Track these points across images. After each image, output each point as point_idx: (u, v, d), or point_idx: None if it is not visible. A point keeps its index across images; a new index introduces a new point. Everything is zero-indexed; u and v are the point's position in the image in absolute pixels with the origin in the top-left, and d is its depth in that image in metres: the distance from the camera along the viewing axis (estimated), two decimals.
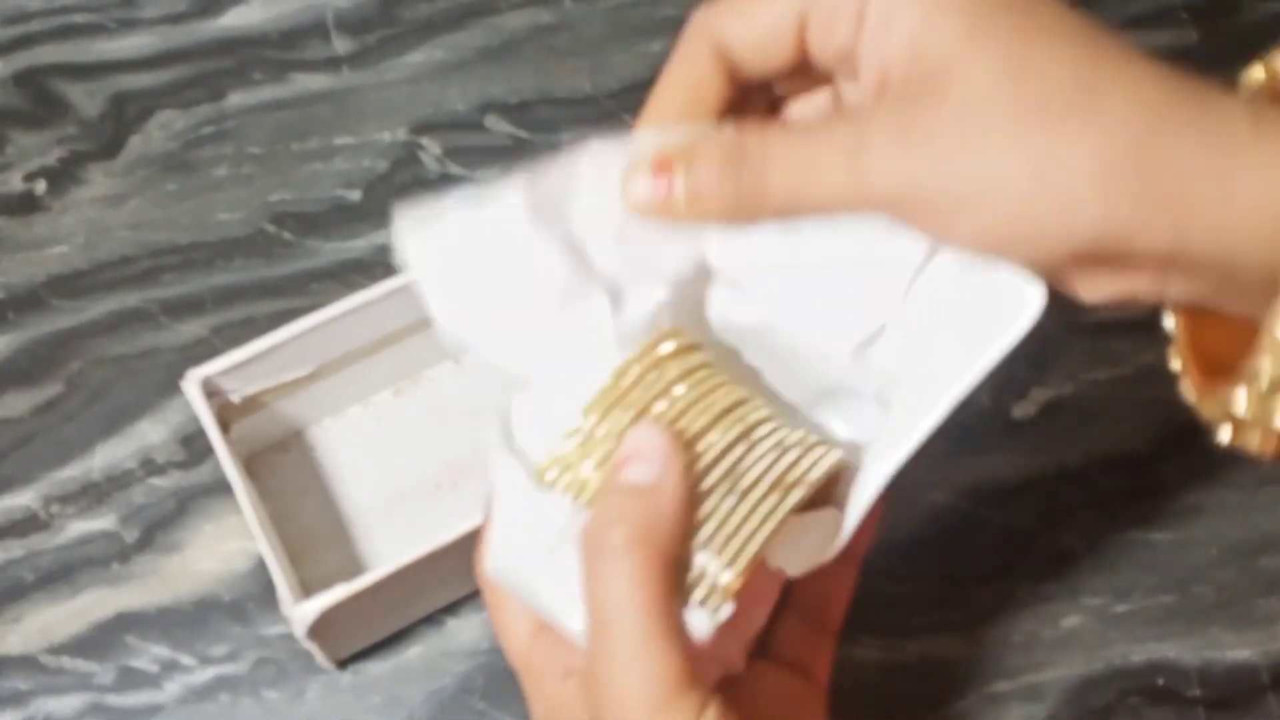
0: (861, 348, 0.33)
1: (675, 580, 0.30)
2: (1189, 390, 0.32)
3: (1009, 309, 0.30)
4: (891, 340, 0.33)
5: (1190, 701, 0.50)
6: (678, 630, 0.30)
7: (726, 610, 0.31)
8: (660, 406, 0.32)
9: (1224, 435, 0.30)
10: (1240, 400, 0.28)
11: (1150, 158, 0.27)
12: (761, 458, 0.31)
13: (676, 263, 0.33)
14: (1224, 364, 0.31)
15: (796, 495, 0.31)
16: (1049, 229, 0.28)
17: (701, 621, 0.31)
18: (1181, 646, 0.51)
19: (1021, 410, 0.55)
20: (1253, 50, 0.35)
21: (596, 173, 0.32)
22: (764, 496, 0.31)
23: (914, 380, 0.32)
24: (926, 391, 0.31)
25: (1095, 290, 0.29)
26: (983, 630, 0.51)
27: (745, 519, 0.31)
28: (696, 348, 0.34)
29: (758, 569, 0.32)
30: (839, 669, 0.38)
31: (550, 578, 0.32)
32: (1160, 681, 0.50)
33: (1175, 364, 0.33)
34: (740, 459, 0.31)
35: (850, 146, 0.29)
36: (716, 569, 0.31)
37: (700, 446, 0.31)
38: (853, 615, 0.40)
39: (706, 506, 0.31)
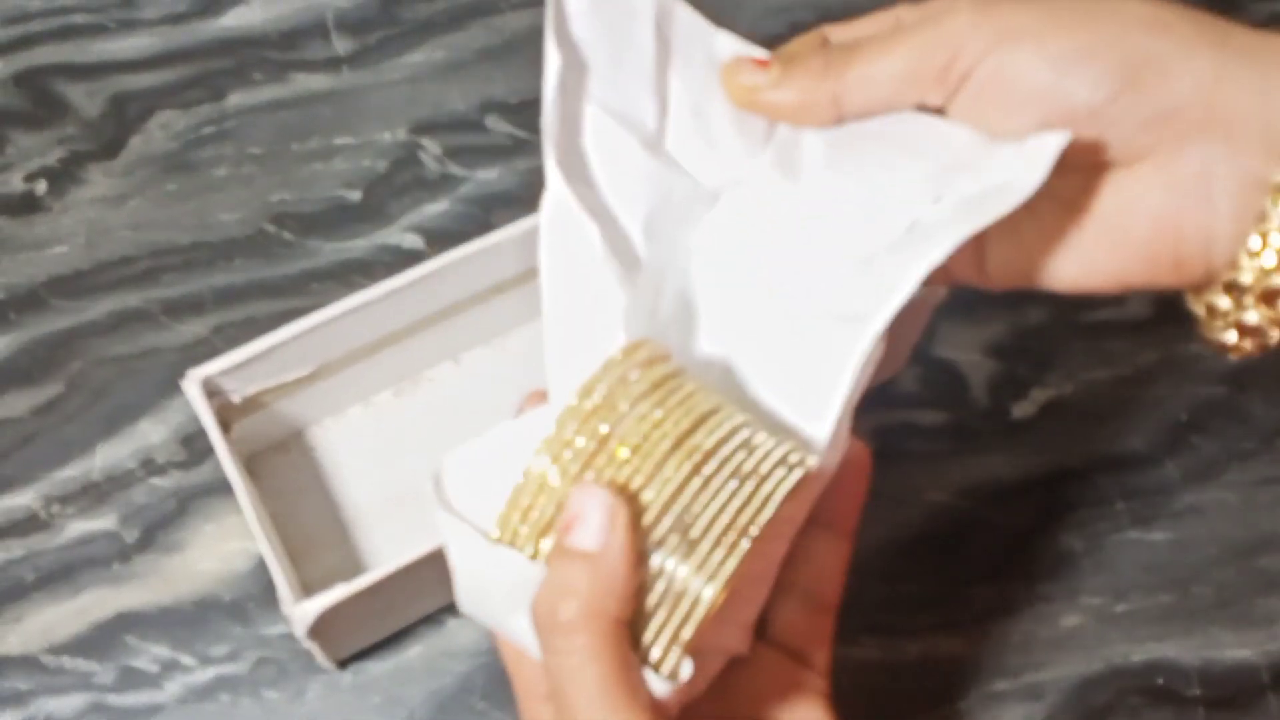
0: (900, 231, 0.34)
1: (629, 643, 0.30)
2: (1192, 302, 0.35)
3: (1034, 147, 0.32)
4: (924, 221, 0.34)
5: (1190, 701, 0.50)
6: (636, 692, 0.30)
7: (686, 669, 0.30)
8: (616, 437, 0.31)
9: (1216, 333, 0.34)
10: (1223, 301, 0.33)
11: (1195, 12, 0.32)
12: (714, 498, 0.30)
13: (725, 164, 0.36)
14: None
15: (745, 545, 0.30)
16: (1109, 46, 0.32)
17: (661, 685, 0.30)
18: (1181, 646, 0.51)
19: (1021, 410, 0.55)
20: None
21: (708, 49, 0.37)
22: (713, 548, 0.30)
23: (958, 204, 0.34)
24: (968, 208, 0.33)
25: (1141, 217, 0.33)
26: (982, 630, 0.51)
27: (697, 571, 0.30)
28: (661, 359, 0.33)
29: (744, 565, 0.31)
30: (839, 669, 0.38)
31: (517, 622, 0.32)
32: (1160, 681, 0.50)
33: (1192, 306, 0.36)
34: (690, 503, 0.30)
35: (936, 10, 0.34)
36: (675, 625, 0.30)
37: (649, 494, 0.30)
38: (852, 615, 0.40)
39: (656, 560, 0.30)
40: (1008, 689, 0.50)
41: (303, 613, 0.42)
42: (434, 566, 0.44)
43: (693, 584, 0.30)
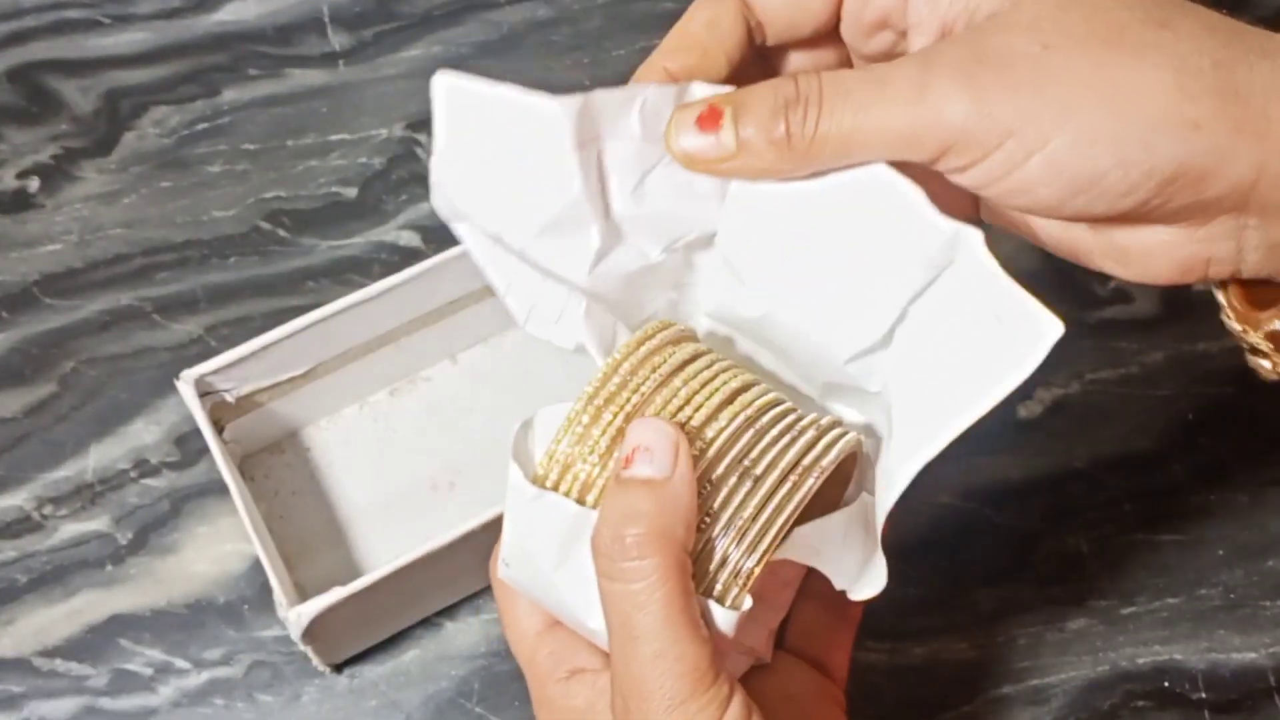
0: (865, 353, 0.32)
1: (690, 574, 0.30)
2: (1231, 317, 0.32)
3: (1025, 338, 0.29)
4: (899, 348, 0.32)
5: (1196, 704, 0.50)
6: (699, 624, 0.30)
7: (747, 602, 0.31)
8: (661, 397, 0.31)
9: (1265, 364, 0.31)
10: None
11: (1229, 81, 0.27)
12: (773, 444, 0.31)
13: (685, 228, 0.33)
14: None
15: (810, 480, 0.31)
16: (1131, 154, 0.27)
17: (724, 616, 0.30)
18: (1188, 649, 0.50)
19: (1027, 410, 0.54)
20: None
21: (643, 116, 0.32)
22: (778, 483, 0.31)
23: (920, 398, 0.31)
24: (933, 414, 0.30)
25: (1163, 259, 0.30)
26: (988, 633, 0.50)
27: (761, 506, 0.30)
28: (691, 336, 0.33)
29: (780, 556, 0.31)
30: None
31: (565, 580, 0.32)
32: (1166, 684, 0.50)
33: (1218, 293, 0.33)
34: (750, 446, 0.31)
35: (915, 74, 0.28)
36: (737, 556, 0.30)
37: (708, 434, 0.31)
38: None
39: (719, 496, 0.31)
40: (1013, 692, 0.50)
41: (298, 615, 0.42)
42: (431, 569, 0.44)
43: (761, 514, 0.30)
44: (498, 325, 0.54)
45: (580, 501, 0.31)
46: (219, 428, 0.48)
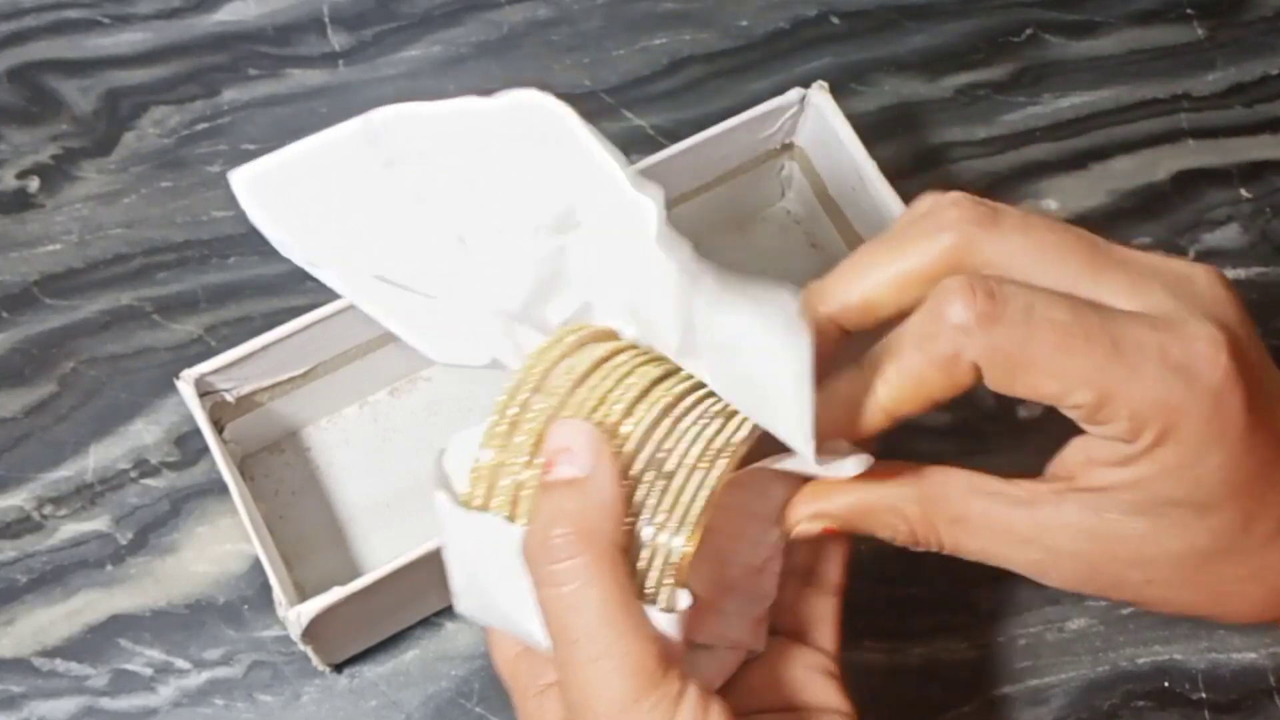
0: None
1: (625, 569, 0.30)
2: None
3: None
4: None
5: (1196, 704, 0.50)
6: (640, 621, 0.29)
7: (683, 600, 0.30)
8: (577, 397, 0.31)
9: None
10: None
11: None
12: (685, 433, 0.31)
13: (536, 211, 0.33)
14: None
15: (723, 463, 0.30)
16: None
17: (665, 620, 0.30)
18: (1188, 649, 0.50)
19: (1028, 410, 0.54)
20: (1259, 45, 0.34)
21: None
22: (692, 469, 0.30)
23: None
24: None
25: None
26: (987, 633, 0.50)
27: (680, 491, 0.30)
28: (609, 335, 0.33)
29: (739, 545, 0.31)
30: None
31: (511, 600, 0.31)
32: (1166, 684, 0.50)
33: None
34: (665, 437, 0.31)
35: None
36: (665, 539, 0.30)
37: (624, 430, 0.31)
38: (856, 619, 0.39)
39: (640, 490, 0.30)
40: (1013, 693, 0.49)
41: (298, 615, 0.42)
42: (431, 569, 0.44)
43: (682, 497, 0.30)
44: None
45: (511, 516, 0.31)
46: (219, 428, 0.48)
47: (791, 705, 0.35)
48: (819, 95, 0.50)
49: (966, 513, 0.32)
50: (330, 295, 0.48)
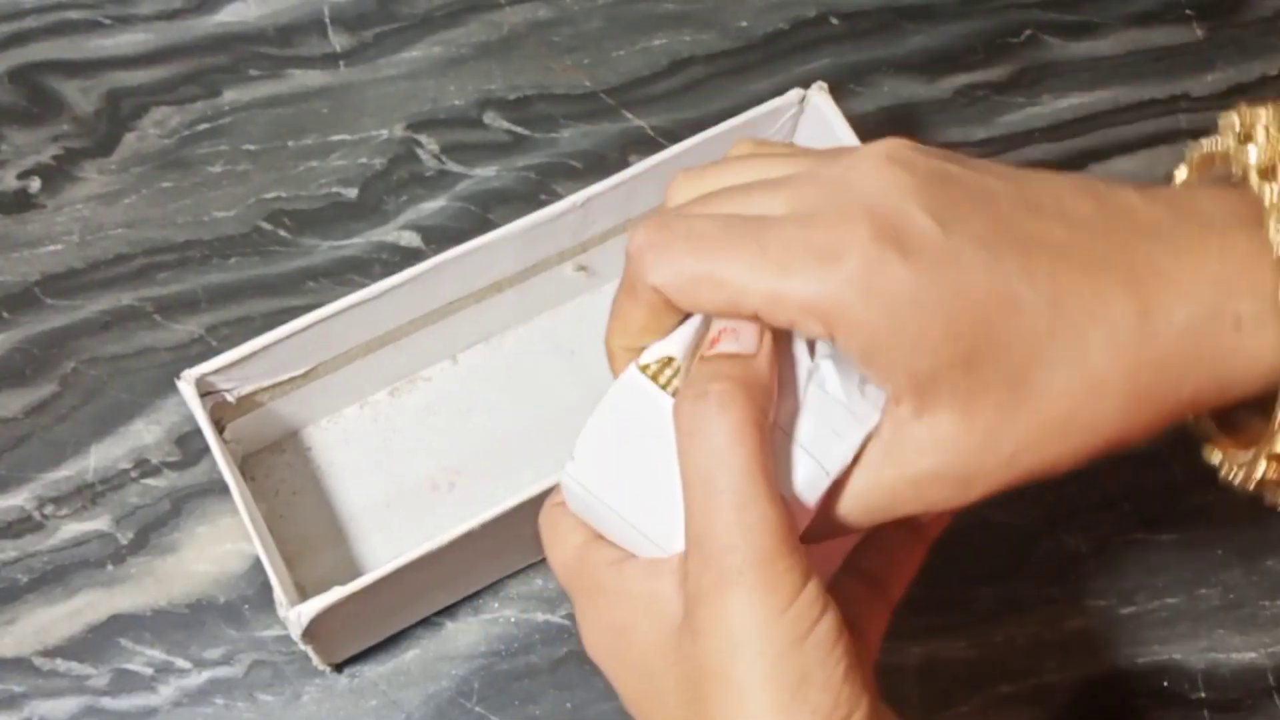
0: None
1: (769, 443, 0.30)
2: (1211, 453, 0.35)
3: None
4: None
5: (1196, 704, 0.50)
6: (775, 490, 0.29)
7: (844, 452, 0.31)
8: None
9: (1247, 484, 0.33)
10: (1260, 468, 0.32)
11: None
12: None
13: None
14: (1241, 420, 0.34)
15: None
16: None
17: (815, 472, 0.31)
18: (1187, 649, 0.50)
19: None
20: (1258, 46, 0.35)
21: None
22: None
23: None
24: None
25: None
26: (987, 633, 0.50)
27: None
28: None
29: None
30: None
31: (637, 468, 0.31)
32: (1166, 684, 0.50)
33: (1197, 431, 0.36)
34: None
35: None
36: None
37: None
38: None
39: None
40: (1012, 692, 0.49)
41: (298, 615, 0.42)
42: (431, 569, 0.44)
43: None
44: (498, 325, 0.54)
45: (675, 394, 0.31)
46: (219, 427, 0.48)
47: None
48: (819, 96, 0.51)
49: None
50: (330, 295, 0.48)
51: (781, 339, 0.32)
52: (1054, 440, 0.30)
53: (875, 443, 0.31)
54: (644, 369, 0.32)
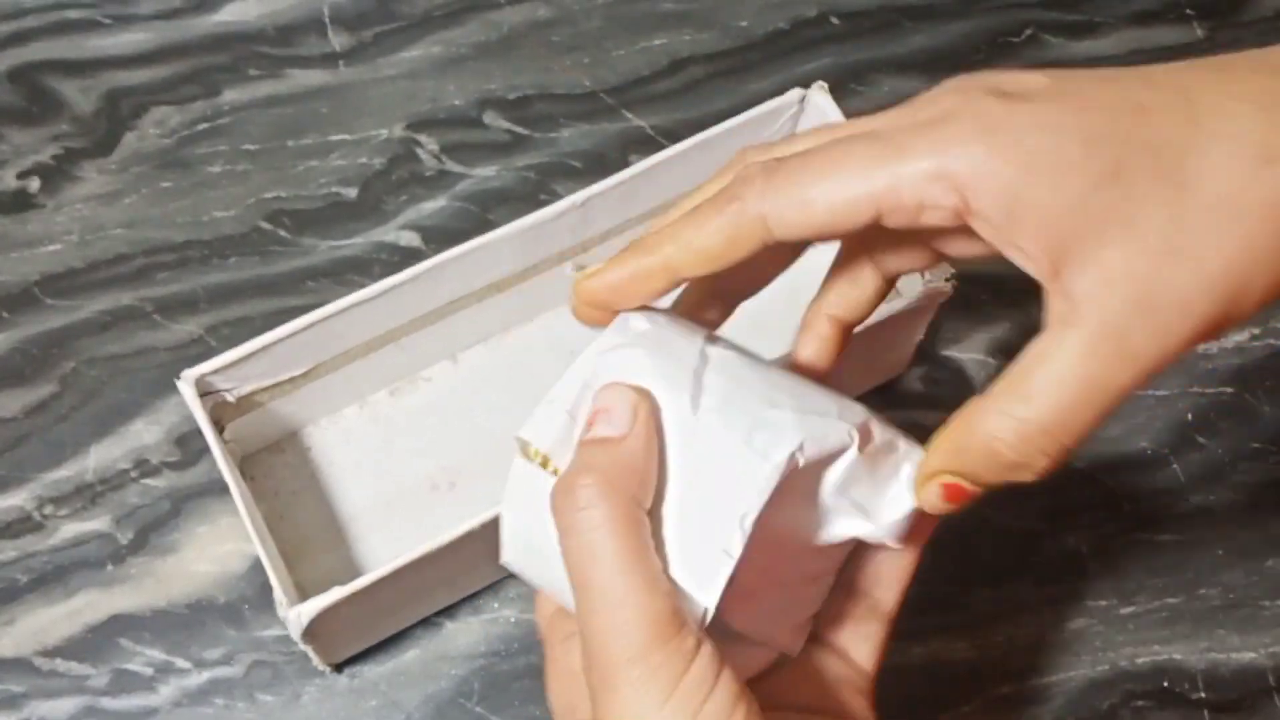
0: None
1: (646, 528, 0.30)
2: None
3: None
4: None
5: (1196, 704, 0.49)
6: (657, 577, 0.29)
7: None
8: None
9: None
10: None
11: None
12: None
13: None
14: None
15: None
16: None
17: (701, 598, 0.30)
18: (1188, 649, 0.50)
19: None
20: (1258, 46, 0.35)
21: None
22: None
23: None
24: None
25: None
26: (988, 633, 0.50)
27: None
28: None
29: (796, 552, 0.32)
30: None
31: (545, 554, 0.32)
32: (1166, 684, 0.50)
33: None
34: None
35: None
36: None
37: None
38: None
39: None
40: (1013, 692, 0.49)
41: (298, 615, 0.42)
42: (431, 569, 0.44)
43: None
44: (498, 325, 0.53)
45: (555, 472, 0.32)
46: (219, 427, 0.48)
47: (812, 708, 0.35)
48: (819, 95, 0.50)
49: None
50: (330, 295, 0.48)
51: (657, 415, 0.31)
52: (1237, 228, 0.27)
53: (1061, 336, 0.28)
54: (527, 453, 0.32)
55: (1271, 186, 0.27)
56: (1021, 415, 0.29)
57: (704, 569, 0.30)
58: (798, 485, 0.32)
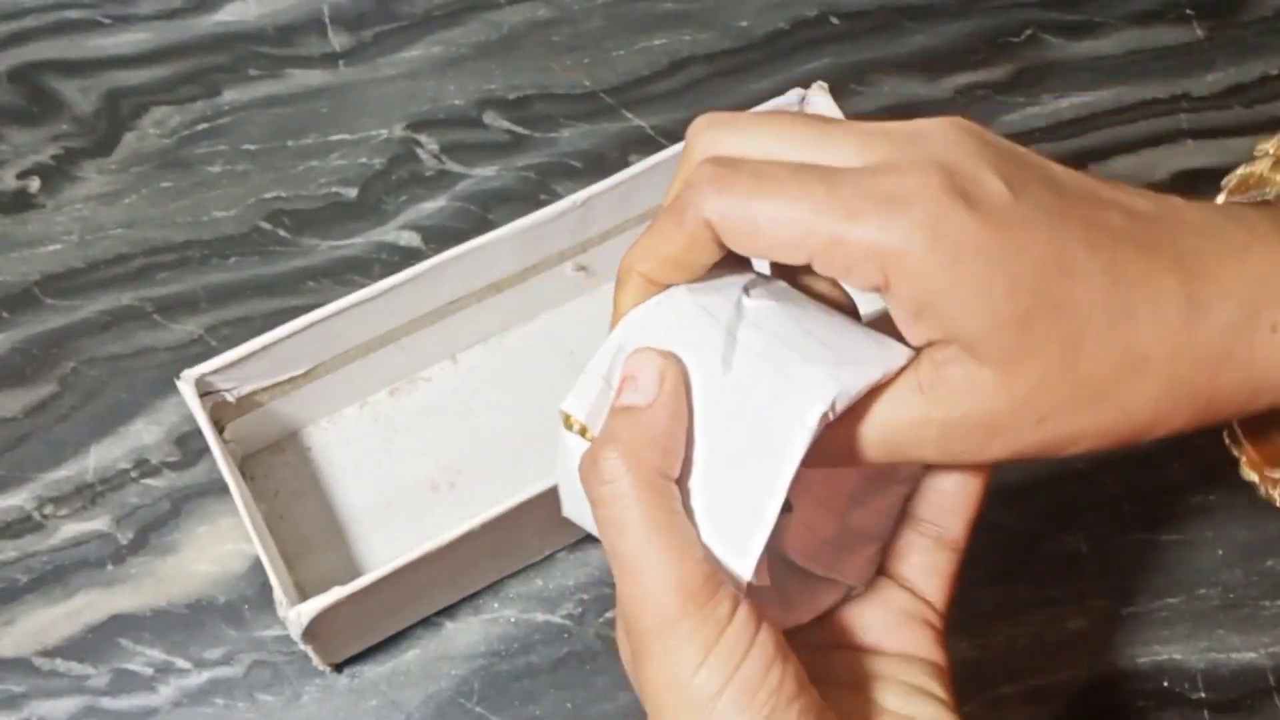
0: None
1: (672, 494, 0.30)
2: (1247, 472, 0.36)
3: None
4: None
5: (1196, 704, 0.49)
6: (686, 544, 0.30)
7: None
8: None
9: None
10: None
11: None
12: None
13: None
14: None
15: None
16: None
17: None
18: (1187, 649, 0.50)
19: None
20: (1259, 46, 0.35)
21: None
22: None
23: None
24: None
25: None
26: (988, 633, 0.50)
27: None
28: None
29: (864, 475, 0.32)
30: None
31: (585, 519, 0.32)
32: (1166, 684, 0.50)
33: (1234, 450, 0.37)
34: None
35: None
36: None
37: None
38: None
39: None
40: (1013, 692, 0.49)
41: (298, 615, 0.42)
42: (431, 569, 0.44)
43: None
44: (498, 325, 0.53)
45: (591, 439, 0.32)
46: (219, 427, 0.48)
47: (879, 648, 0.35)
48: (819, 95, 0.50)
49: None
50: (330, 295, 0.48)
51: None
52: (1086, 409, 0.30)
53: (908, 377, 0.31)
54: (568, 424, 0.32)
55: (1133, 392, 0.30)
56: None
57: (738, 536, 0.30)
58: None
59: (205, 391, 0.46)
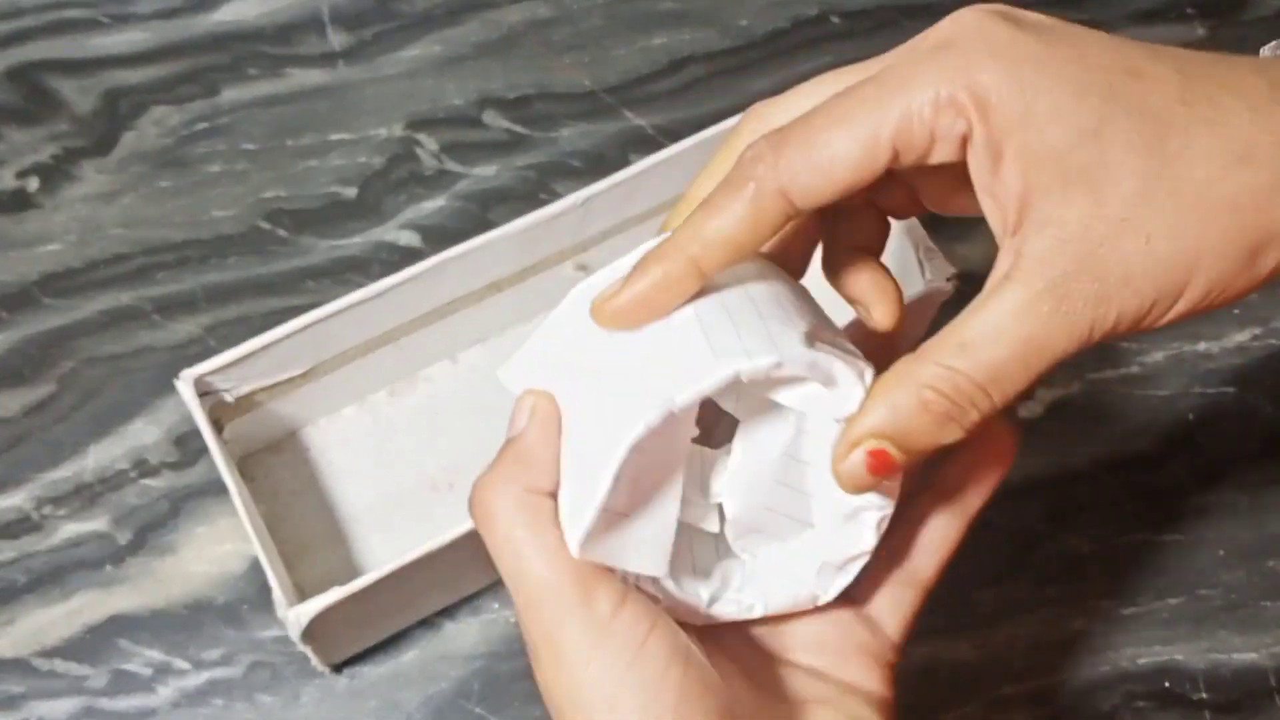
0: None
1: (545, 508, 0.30)
2: None
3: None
4: None
5: (1197, 704, 0.49)
6: (554, 549, 0.30)
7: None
8: None
9: None
10: None
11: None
12: None
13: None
14: None
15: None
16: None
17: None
18: (1189, 649, 0.50)
19: (1028, 411, 0.54)
20: (1260, 45, 0.35)
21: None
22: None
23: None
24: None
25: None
26: (989, 634, 0.50)
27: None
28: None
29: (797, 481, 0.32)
30: None
31: None
32: (1167, 684, 0.50)
33: None
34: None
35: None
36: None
37: None
38: None
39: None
40: (1014, 693, 0.49)
41: (297, 616, 0.42)
42: (430, 569, 0.44)
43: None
44: (498, 325, 0.53)
45: None
46: (218, 428, 0.48)
47: (827, 674, 0.34)
48: None
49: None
50: (329, 295, 0.48)
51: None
52: (1198, 218, 0.27)
53: (1008, 290, 0.28)
54: None
55: (1241, 185, 0.27)
56: (955, 365, 0.28)
57: (575, 517, 0.30)
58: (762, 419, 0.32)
59: (204, 391, 0.46)
